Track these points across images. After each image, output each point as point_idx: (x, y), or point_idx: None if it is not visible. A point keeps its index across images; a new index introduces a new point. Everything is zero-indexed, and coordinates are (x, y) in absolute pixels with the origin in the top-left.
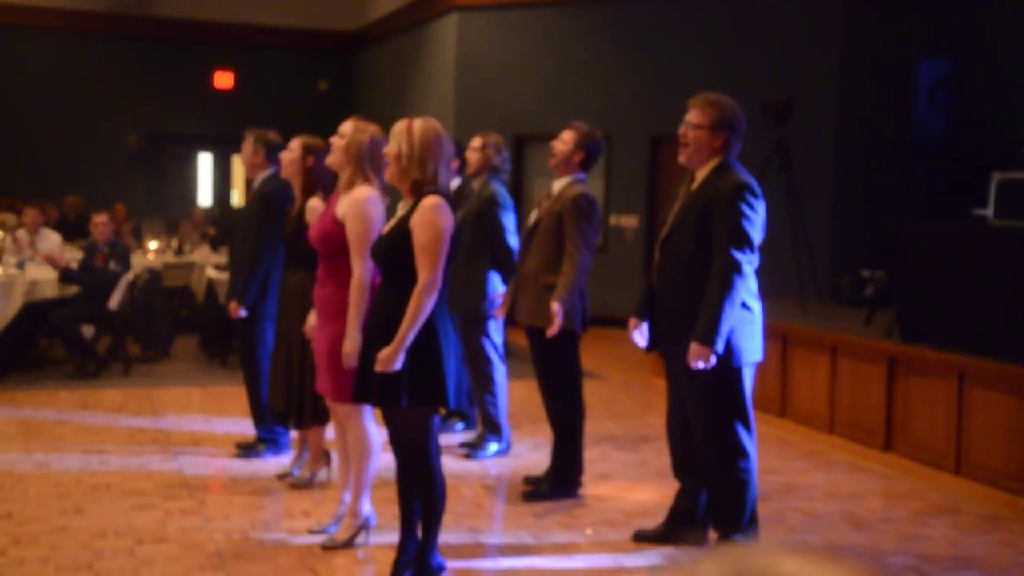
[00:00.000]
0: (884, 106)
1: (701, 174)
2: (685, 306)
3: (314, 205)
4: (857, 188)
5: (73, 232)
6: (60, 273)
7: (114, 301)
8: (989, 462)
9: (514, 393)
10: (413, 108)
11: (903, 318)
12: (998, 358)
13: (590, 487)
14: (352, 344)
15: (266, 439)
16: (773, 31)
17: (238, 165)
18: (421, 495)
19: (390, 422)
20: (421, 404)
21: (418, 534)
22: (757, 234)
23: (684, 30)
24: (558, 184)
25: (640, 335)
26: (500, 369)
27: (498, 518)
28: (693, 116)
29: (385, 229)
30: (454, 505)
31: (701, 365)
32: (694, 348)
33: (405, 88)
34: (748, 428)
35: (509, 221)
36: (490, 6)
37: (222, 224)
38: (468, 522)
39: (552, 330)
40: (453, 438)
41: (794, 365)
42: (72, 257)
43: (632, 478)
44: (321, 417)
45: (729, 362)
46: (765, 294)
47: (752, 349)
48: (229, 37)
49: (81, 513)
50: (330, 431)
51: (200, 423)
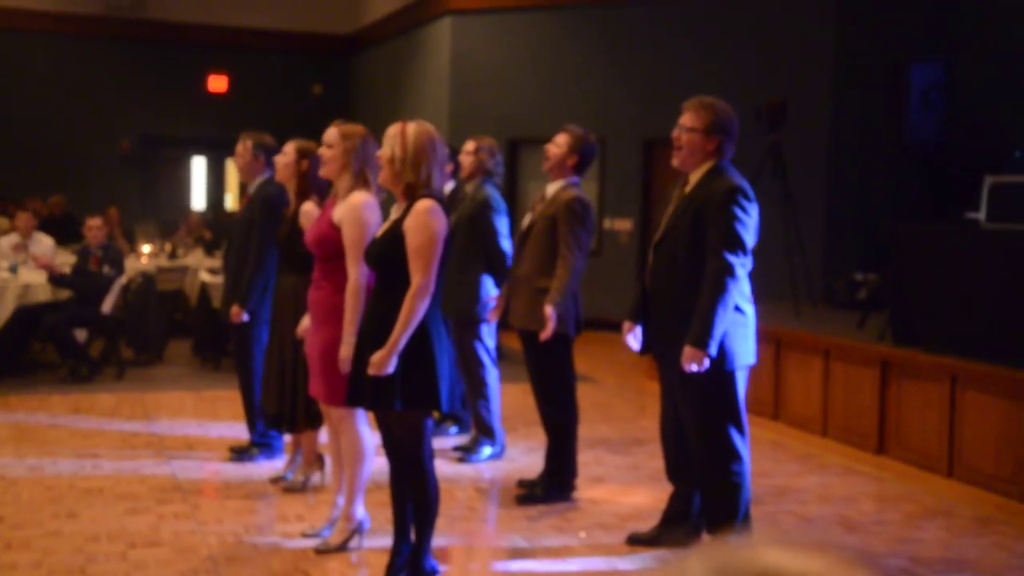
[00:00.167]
0: (877, 109)
1: (694, 177)
2: (678, 309)
3: (308, 209)
4: (850, 191)
5: (59, 230)
6: (52, 277)
7: (107, 305)
8: (981, 465)
9: (508, 397)
10: (407, 112)
11: (896, 321)
12: (990, 361)
13: (584, 490)
14: (348, 349)
15: (260, 443)
16: (766, 35)
17: (232, 169)
18: (414, 498)
19: (383, 426)
20: (414, 408)
21: (412, 537)
22: (750, 237)
23: (678, 34)
24: (552, 188)
25: (634, 339)
26: (493, 373)
27: (492, 522)
28: (687, 119)
29: (378, 232)
30: (448, 509)
31: (694, 368)
32: (687, 351)
33: (399, 92)
34: (741, 431)
35: (502, 225)
36: (484, 10)
37: (216, 228)
38: (462, 525)
39: (545, 334)
40: (447, 442)
41: (787, 368)
42: (65, 261)
43: (626, 481)
44: (314, 421)
45: (722, 365)
46: (758, 297)
47: (745, 352)
48: (223, 40)
49: (74, 517)
50: (323, 435)
51: (193, 427)
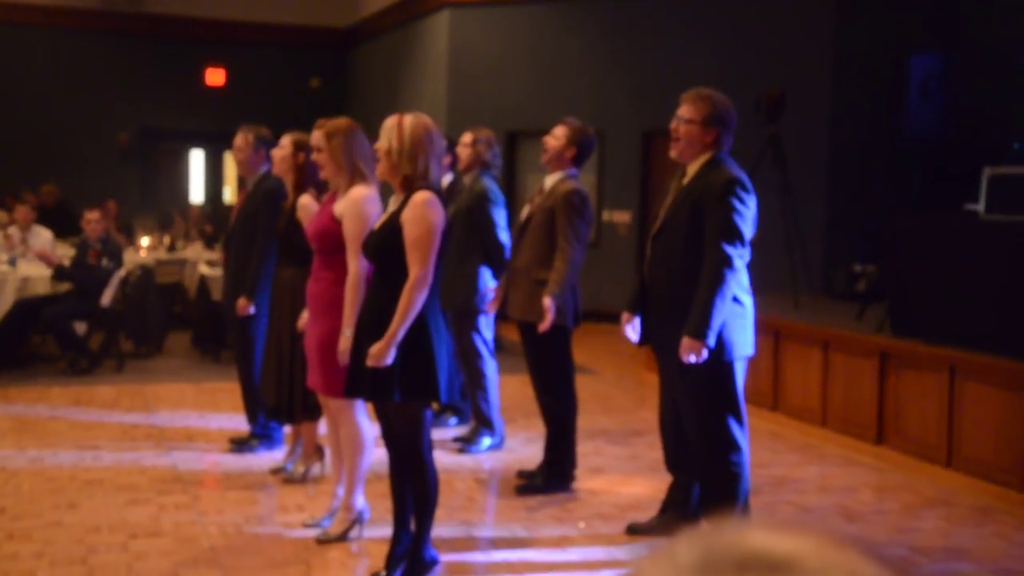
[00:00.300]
0: (876, 101)
1: (692, 169)
2: (676, 300)
3: (305, 202)
4: (849, 183)
5: (53, 220)
6: (53, 270)
7: (106, 298)
8: (980, 455)
9: (507, 388)
10: (405, 104)
11: (895, 312)
12: (989, 352)
13: (583, 481)
14: (347, 341)
15: (259, 434)
16: (765, 26)
17: (230, 162)
18: (414, 489)
19: (382, 417)
20: (413, 399)
21: (411, 527)
22: (748, 228)
23: (676, 26)
24: (550, 180)
25: (632, 330)
26: (491, 364)
27: (491, 512)
28: (685, 111)
29: (376, 224)
30: (447, 499)
31: (693, 359)
32: (686, 342)
33: (397, 84)
34: (740, 422)
35: (500, 217)
36: (482, 3)
37: (215, 221)
38: (461, 516)
39: (544, 325)
40: (446, 432)
41: (786, 359)
42: (64, 254)
43: (625, 472)
44: (312, 412)
45: (721, 356)
46: (757, 289)
47: (744, 343)
48: (221, 34)
49: (75, 508)
50: (323, 426)
51: (193, 419)
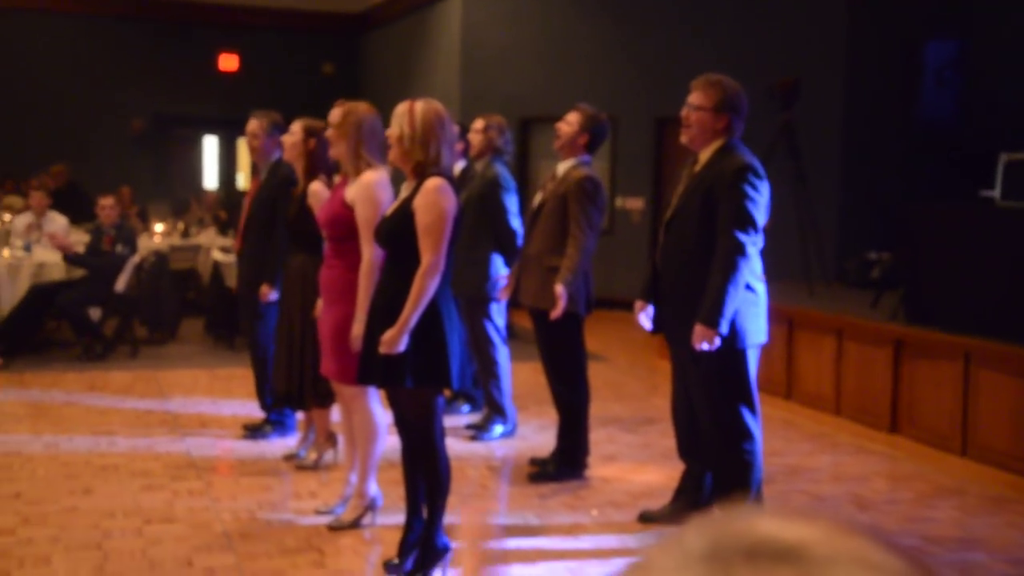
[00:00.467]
0: (891, 88)
1: (704, 156)
2: (689, 288)
3: (316, 189)
4: (864, 170)
5: (64, 203)
6: (67, 257)
7: (121, 283)
8: (995, 443)
9: (519, 375)
10: (418, 90)
11: (909, 300)
12: (1004, 339)
13: (596, 469)
14: (361, 327)
15: (274, 420)
16: (779, 12)
17: (244, 148)
18: (426, 476)
19: (394, 403)
20: (425, 385)
21: (424, 515)
22: (761, 215)
23: (690, 11)
24: (563, 166)
25: (646, 318)
26: (503, 351)
27: (504, 499)
28: (695, 98)
29: (388, 211)
30: (460, 487)
31: (705, 347)
32: (698, 330)
33: (410, 70)
34: (753, 410)
35: (512, 203)
36: None
37: (229, 207)
38: (474, 503)
39: (556, 312)
40: (459, 420)
41: (800, 347)
42: (78, 240)
43: (638, 460)
44: (324, 399)
45: (733, 344)
46: (771, 277)
47: (756, 331)
48: (233, 20)
49: (90, 493)
50: (336, 413)
51: (207, 405)
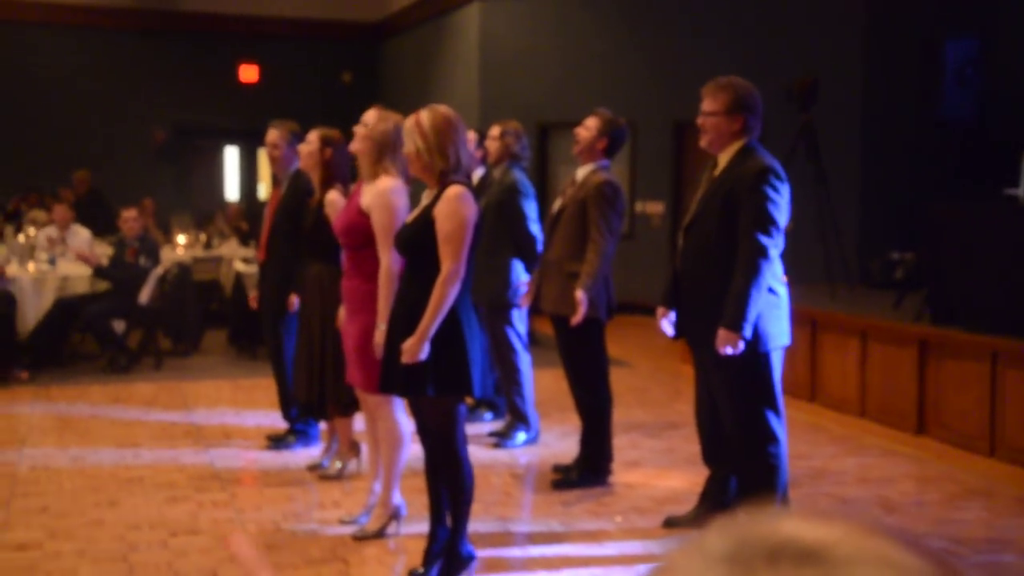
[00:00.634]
0: (911, 87)
1: (724, 159)
2: (711, 292)
3: (333, 198)
4: (885, 170)
5: (85, 210)
6: (94, 269)
7: (144, 296)
8: (1023, 443)
9: (542, 382)
10: (437, 98)
11: (933, 300)
12: None
13: (619, 475)
14: (383, 335)
15: (298, 431)
16: (796, 13)
17: (264, 159)
18: (449, 484)
19: (417, 412)
20: (447, 394)
21: (448, 523)
22: (782, 217)
23: (706, 14)
24: (582, 171)
25: (668, 323)
26: (525, 358)
27: (527, 507)
28: (707, 104)
29: (409, 218)
30: (483, 494)
31: (730, 351)
32: (722, 334)
33: (428, 78)
34: (777, 413)
35: (530, 208)
36: None
37: (251, 218)
38: (498, 511)
39: (576, 318)
40: (482, 427)
41: (824, 350)
42: (102, 252)
43: (661, 465)
44: (346, 408)
45: (757, 347)
46: (794, 279)
47: (779, 333)
48: (253, 30)
49: (115, 506)
50: (359, 422)
51: (231, 416)
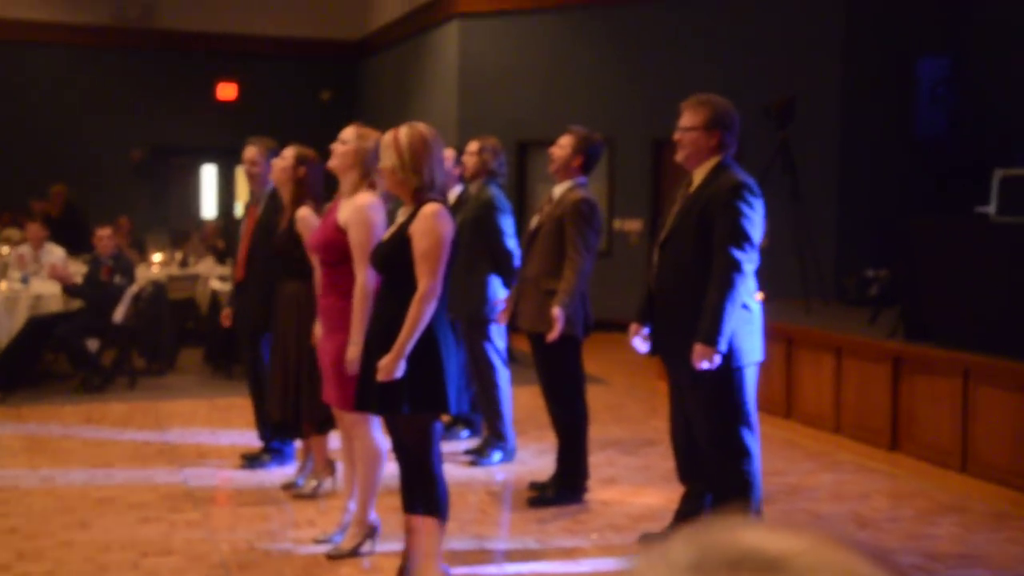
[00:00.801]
0: (886, 105)
1: (699, 176)
2: (686, 308)
3: (304, 215)
4: (861, 187)
5: (60, 226)
6: (66, 288)
7: (118, 314)
8: (995, 460)
9: (519, 399)
10: (416, 116)
11: (907, 317)
12: (1003, 355)
13: (596, 492)
14: (356, 350)
15: (273, 449)
16: (774, 32)
17: (242, 177)
18: (424, 503)
19: (392, 430)
20: (422, 411)
21: None
22: (756, 233)
23: (685, 33)
24: (559, 189)
25: (641, 340)
26: (503, 374)
27: (504, 524)
28: (686, 119)
29: (385, 236)
30: (459, 512)
31: (705, 365)
32: (698, 349)
33: (408, 96)
34: (751, 429)
35: (507, 224)
36: (491, 13)
37: (228, 236)
38: (474, 529)
39: (553, 335)
40: (458, 445)
41: (799, 366)
42: (76, 271)
43: (638, 482)
44: (321, 426)
45: (730, 363)
46: (770, 296)
47: (752, 349)
48: (231, 48)
49: (86, 527)
50: (334, 440)
51: (205, 435)
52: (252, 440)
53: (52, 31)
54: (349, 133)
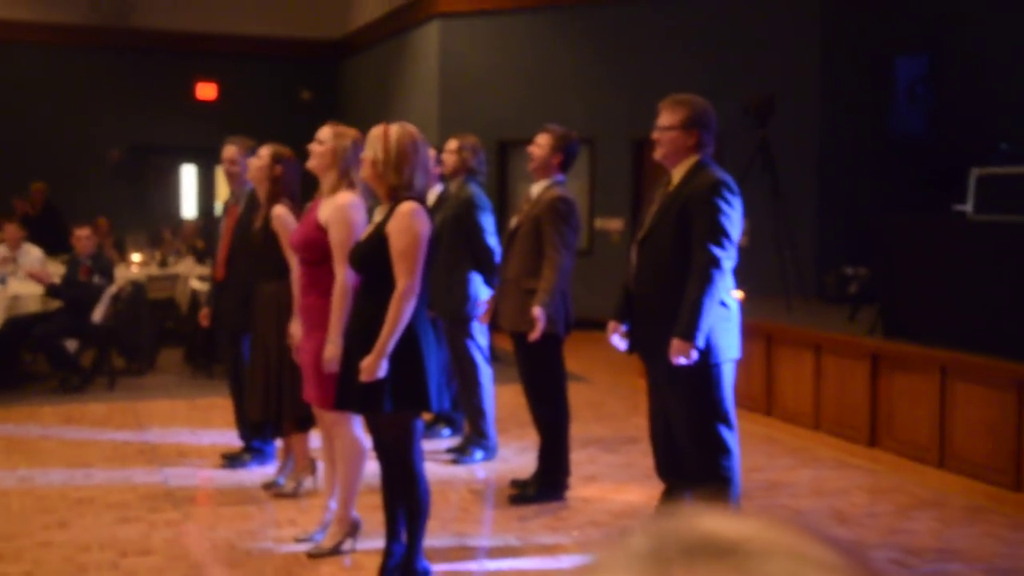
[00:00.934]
0: (865, 103)
1: (678, 174)
2: (664, 305)
3: (280, 213)
4: (841, 185)
5: (39, 226)
6: (46, 288)
7: (98, 314)
8: (972, 455)
9: (501, 397)
10: (396, 116)
11: (886, 314)
12: (979, 352)
13: (577, 489)
14: (333, 348)
15: (254, 449)
16: (753, 31)
17: (222, 177)
18: (405, 500)
19: (373, 428)
20: (404, 409)
21: (404, 539)
22: (735, 230)
23: (665, 33)
24: (536, 188)
25: (619, 338)
26: (486, 371)
27: (485, 522)
28: (664, 118)
29: (362, 235)
30: (441, 510)
31: (683, 361)
32: (675, 344)
33: (388, 96)
34: (729, 425)
35: (488, 222)
36: (472, 13)
37: (207, 236)
38: (455, 526)
39: (534, 334)
40: (440, 444)
41: (779, 363)
42: (55, 271)
43: (619, 480)
44: (302, 424)
45: (707, 359)
46: (750, 293)
47: (729, 346)
48: (211, 48)
49: (65, 527)
50: (315, 439)
51: (186, 435)
52: (232, 440)
53: (30, 30)
54: (326, 133)
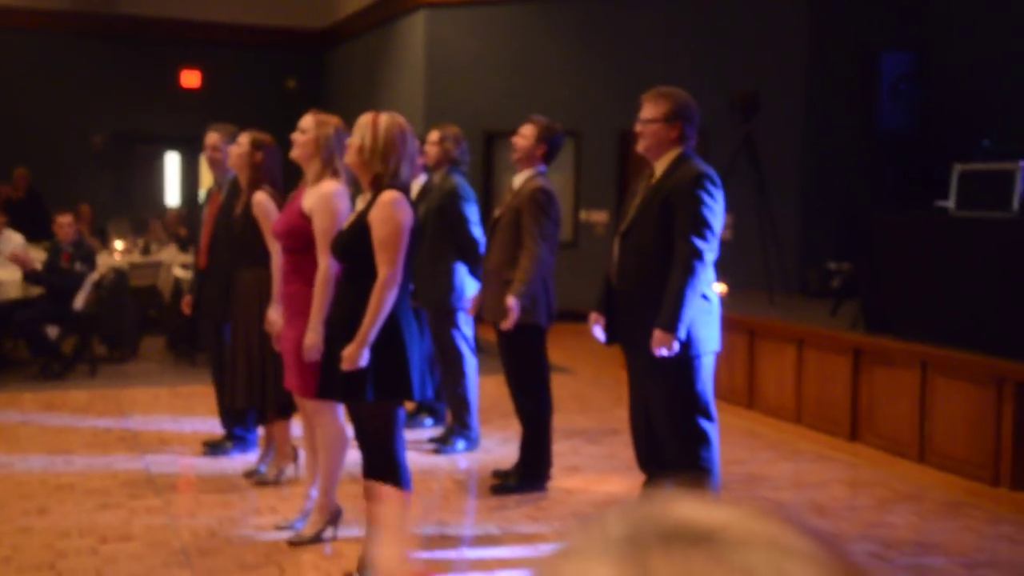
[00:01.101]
0: (850, 99)
1: (660, 167)
2: (646, 297)
3: (261, 199)
4: (824, 180)
5: (21, 211)
6: (26, 274)
7: (79, 301)
8: (951, 450)
9: (484, 388)
10: (382, 105)
11: (868, 309)
12: (960, 347)
13: (559, 480)
14: (314, 336)
15: (236, 436)
16: (739, 25)
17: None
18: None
19: (355, 417)
20: (386, 398)
21: None
22: (717, 223)
23: (652, 25)
24: (518, 179)
25: (600, 330)
26: (471, 362)
27: (466, 511)
28: (646, 111)
29: (344, 225)
30: (422, 499)
31: (664, 352)
32: (657, 335)
33: (374, 85)
34: (709, 417)
35: (472, 212)
36: (458, 3)
37: (191, 224)
38: (436, 515)
39: (506, 324)
40: (422, 433)
41: (761, 357)
42: (36, 258)
43: (601, 471)
44: (284, 411)
45: (687, 351)
46: (733, 287)
47: (709, 339)
48: (196, 35)
49: (44, 513)
50: (296, 427)
51: (168, 422)
52: (215, 427)
53: (13, 15)
54: (308, 121)
